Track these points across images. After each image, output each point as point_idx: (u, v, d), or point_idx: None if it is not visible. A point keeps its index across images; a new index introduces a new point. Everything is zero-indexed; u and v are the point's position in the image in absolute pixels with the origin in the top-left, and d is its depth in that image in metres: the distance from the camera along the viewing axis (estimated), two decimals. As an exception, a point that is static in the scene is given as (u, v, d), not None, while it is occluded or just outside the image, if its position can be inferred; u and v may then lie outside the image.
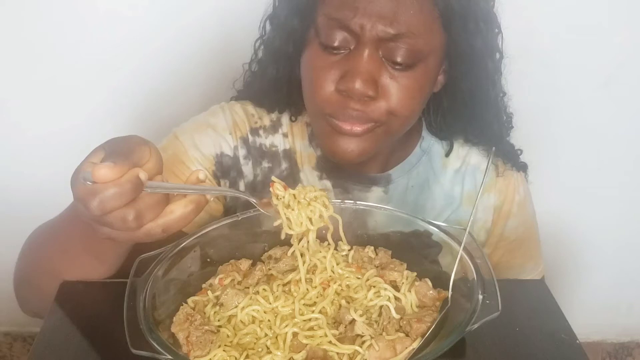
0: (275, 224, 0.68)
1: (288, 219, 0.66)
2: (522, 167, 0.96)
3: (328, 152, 0.81)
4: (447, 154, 0.93)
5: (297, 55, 0.82)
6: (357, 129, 0.77)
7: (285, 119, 0.92)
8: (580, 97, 1.23)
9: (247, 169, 0.90)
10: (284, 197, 0.66)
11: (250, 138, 0.90)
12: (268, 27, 0.88)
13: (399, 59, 0.74)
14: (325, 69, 0.77)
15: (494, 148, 0.86)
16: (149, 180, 0.54)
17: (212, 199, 0.61)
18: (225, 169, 0.89)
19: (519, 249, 0.96)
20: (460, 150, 0.94)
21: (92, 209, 0.52)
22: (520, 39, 1.12)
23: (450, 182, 0.94)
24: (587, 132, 1.28)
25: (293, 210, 0.66)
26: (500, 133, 0.92)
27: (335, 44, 0.75)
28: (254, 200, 0.67)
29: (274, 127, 0.92)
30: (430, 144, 0.94)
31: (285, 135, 0.92)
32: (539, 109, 1.21)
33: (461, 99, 0.86)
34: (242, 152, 0.90)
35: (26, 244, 0.81)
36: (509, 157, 0.94)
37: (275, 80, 0.88)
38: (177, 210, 0.56)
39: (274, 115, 0.92)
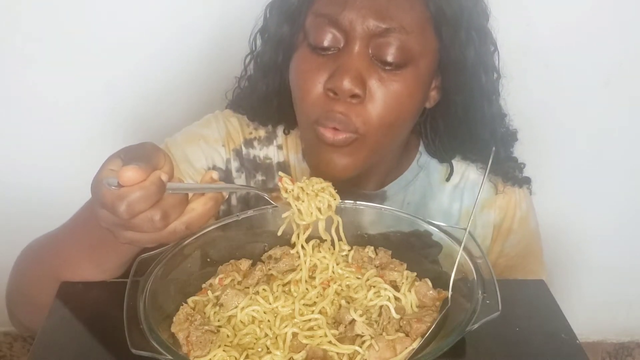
0: (284, 215, 0.70)
1: (299, 210, 0.68)
2: (525, 182, 0.93)
3: (313, 165, 0.79)
4: (448, 179, 0.91)
5: (287, 66, 0.81)
6: (340, 136, 0.74)
7: (279, 131, 0.91)
8: (581, 96, 1.23)
9: (240, 182, 0.89)
10: (292, 190, 0.68)
11: (244, 150, 0.89)
12: (258, 41, 0.87)
13: (389, 57, 0.73)
14: (313, 70, 0.75)
15: (494, 148, 0.82)
16: (168, 182, 0.55)
17: (227, 195, 0.62)
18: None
19: (519, 264, 0.93)
20: (459, 165, 0.92)
21: (120, 213, 0.52)
22: (520, 38, 1.13)
23: (448, 198, 0.92)
24: (587, 131, 1.28)
25: (303, 201, 0.68)
26: (499, 152, 0.89)
27: (325, 43, 0.74)
28: (267, 195, 0.70)
29: (269, 139, 0.90)
30: (428, 159, 0.92)
31: (280, 148, 0.90)
32: (538, 109, 1.21)
33: (456, 115, 0.84)
34: (234, 165, 0.89)
35: (22, 255, 0.80)
36: (509, 177, 0.91)
37: (265, 95, 0.86)
38: (198, 208, 0.59)
39: (268, 127, 0.90)
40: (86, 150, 1.11)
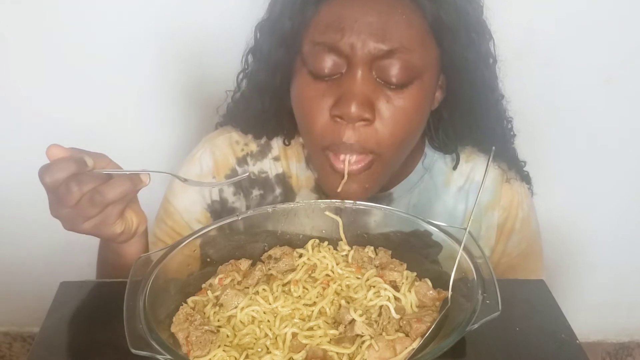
0: None
1: None
2: (526, 178, 0.94)
3: (330, 193, 0.79)
4: (455, 167, 0.91)
5: (285, 89, 0.80)
6: (353, 167, 0.75)
7: (275, 142, 0.90)
8: (581, 95, 1.23)
9: (240, 203, 0.90)
10: None
11: (239, 169, 0.89)
12: (250, 60, 0.86)
13: (393, 78, 0.72)
14: (317, 97, 0.74)
15: (494, 147, 0.81)
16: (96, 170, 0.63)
17: (148, 181, 0.66)
18: (218, 214, 0.89)
19: (521, 264, 0.94)
20: (464, 166, 0.92)
21: (46, 182, 0.61)
22: (520, 38, 1.13)
23: (453, 200, 0.91)
24: (587, 131, 1.28)
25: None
26: (504, 137, 0.91)
27: (326, 70, 0.73)
28: (182, 178, 0.71)
29: (263, 152, 0.90)
30: (432, 160, 0.92)
31: (276, 159, 0.90)
32: (538, 109, 1.21)
33: (461, 109, 0.84)
34: (229, 190, 0.89)
35: None
36: (512, 163, 0.92)
37: (262, 113, 0.86)
38: (112, 181, 0.63)
39: (262, 140, 0.90)
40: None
